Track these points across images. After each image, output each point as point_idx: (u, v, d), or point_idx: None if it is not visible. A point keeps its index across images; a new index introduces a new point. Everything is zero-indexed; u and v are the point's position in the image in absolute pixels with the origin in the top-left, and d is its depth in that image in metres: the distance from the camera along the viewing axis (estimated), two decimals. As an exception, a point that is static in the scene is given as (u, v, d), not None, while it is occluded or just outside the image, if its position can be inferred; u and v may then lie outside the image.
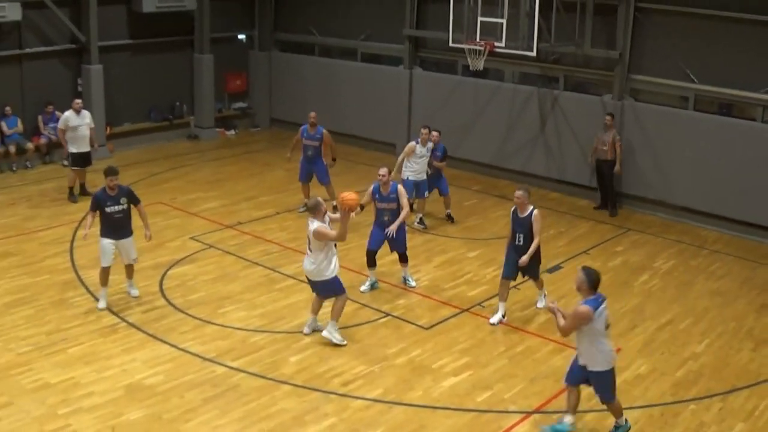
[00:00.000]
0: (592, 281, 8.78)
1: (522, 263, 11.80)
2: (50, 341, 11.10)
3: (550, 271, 14.17)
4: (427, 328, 11.96)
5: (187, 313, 12.13)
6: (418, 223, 16.05)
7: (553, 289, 13.40)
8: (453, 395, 10.20)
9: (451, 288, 13.39)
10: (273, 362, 10.80)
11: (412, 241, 15.32)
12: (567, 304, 12.83)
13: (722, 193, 16.31)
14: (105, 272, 12.12)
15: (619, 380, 10.54)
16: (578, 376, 9.18)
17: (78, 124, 16.69)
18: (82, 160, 16.88)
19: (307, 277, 11.30)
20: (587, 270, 8.90)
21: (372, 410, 9.76)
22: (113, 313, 11.99)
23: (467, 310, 12.54)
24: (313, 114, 16.49)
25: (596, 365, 8.94)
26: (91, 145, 17.01)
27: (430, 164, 15.90)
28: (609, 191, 17.32)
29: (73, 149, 16.73)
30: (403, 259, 13.31)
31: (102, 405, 9.63)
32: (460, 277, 13.75)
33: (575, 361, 9.21)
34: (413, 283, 13.38)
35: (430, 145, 15.75)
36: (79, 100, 17.09)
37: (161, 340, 11.26)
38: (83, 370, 10.37)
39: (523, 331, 11.90)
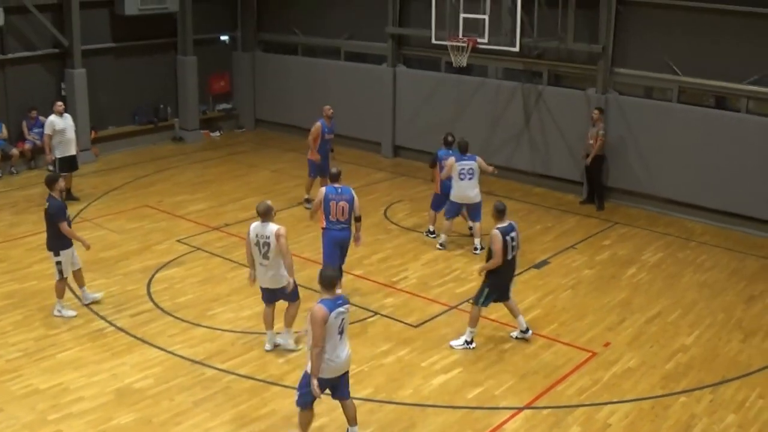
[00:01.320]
0: (321, 280, 8.38)
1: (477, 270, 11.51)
2: (39, 347, 11.05)
3: (538, 266, 14.19)
4: (416, 326, 11.96)
5: (175, 316, 12.09)
6: (440, 245, 14.95)
7: (541, 284, 13.44)
8: (443, 393, 10.20)
9: (439, 285, 13.37)
10: (262, 363, 10.79)
11: (399, 239, 15.35)
12: (555, 300, 12.91)
13: (708, 184, 16.35)
14: (66, 282, 12.10)
15: (608, 374, 10.63)
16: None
17: (64, 127, 16.62)
18: (68, 165, 16.79)
19: (265, 288, 10.84)
20: (322, 269, 8.57)
21: (362, 409, 9.72)
22: (101, 317, 11.95)
23: (456, 307, 12.53)
24: (328, 107, 16.68)
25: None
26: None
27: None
28: (596, 186, 17.34)
29: (58, 154, 16.62)
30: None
31: (92, 410, 9.59)
32: (447, 275, 13.74)
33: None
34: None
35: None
36: (60, 103, 16.96)
37: (150, 344, 11.23)
38: (72, 375, 10.34)
39: (512, 327, 11.87)
